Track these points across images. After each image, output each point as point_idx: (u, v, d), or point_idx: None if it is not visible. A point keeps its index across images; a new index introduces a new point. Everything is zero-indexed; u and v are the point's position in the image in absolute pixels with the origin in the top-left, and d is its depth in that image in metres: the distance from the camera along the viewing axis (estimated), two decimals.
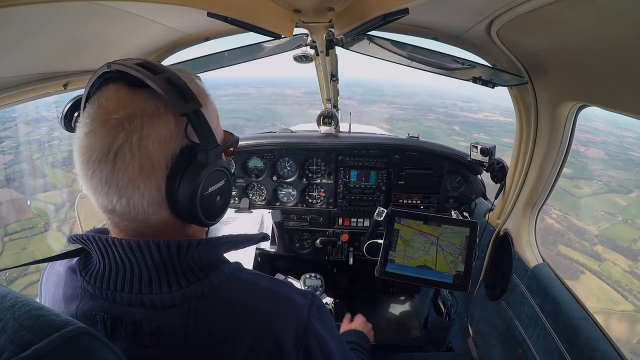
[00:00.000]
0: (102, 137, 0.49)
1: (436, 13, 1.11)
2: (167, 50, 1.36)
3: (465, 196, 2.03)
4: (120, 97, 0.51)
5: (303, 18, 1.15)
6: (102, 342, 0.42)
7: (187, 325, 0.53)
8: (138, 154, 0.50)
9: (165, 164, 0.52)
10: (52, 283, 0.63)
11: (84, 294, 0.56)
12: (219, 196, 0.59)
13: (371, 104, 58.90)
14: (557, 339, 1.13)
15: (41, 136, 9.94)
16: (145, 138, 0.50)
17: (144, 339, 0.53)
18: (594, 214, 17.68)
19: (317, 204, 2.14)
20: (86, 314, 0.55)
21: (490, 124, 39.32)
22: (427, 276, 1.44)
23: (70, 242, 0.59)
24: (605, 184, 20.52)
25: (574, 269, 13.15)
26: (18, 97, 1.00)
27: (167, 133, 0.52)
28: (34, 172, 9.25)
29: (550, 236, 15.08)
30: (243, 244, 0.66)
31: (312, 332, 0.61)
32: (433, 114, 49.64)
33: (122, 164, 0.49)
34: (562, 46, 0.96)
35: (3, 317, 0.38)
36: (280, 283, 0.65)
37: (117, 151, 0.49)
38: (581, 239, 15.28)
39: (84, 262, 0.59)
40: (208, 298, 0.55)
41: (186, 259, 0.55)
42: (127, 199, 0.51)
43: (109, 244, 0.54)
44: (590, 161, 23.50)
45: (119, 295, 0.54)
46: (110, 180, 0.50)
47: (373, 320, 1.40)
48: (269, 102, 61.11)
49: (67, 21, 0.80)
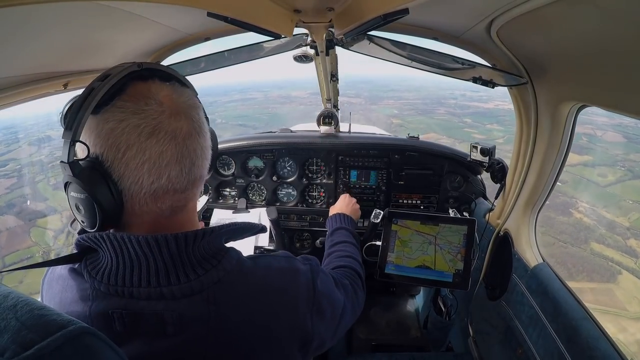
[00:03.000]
0: (183, 119, 0.59)
1: (436, 13, 1.11)
2: (167, 50, 1.36)
3: (465, 196, 2.03)
4: (174, 89, 0.60)
5: (303, 18, 1.15)
6: (104, 342, 0.42)
7: (208, 311, 0.56)
8: (204, 138, 0.64)
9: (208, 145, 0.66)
10: (56, 288, 0.63)
11: (95, 294, 0.56)
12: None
13: (379, 101, 58.50)
14: (557, 339, 1.13)
15: (45, 156, 9.85)
16: (204, 124, 0.65)
17: (166, 329, 0.55)
18: (622, 204, 16.48)
19: (317, 204, 2.14)
20: (101, 313, 0.55)
21: (502, 113, 37.88)
22: (426, 276, 1.44)
23: (80, 242, 0.59)
24: (629, 169, 19.00)
25: (610, 270, 11.99)
26: (18, 97, 1.00)
27: (202, 116, 0.65)
28: (35, 196, 9.10)
29: (580, 232, 14.10)
30: (242, 232, 0.69)
31: (318, 290, 0.70)
32: (443, 107, 48.84)
33: (201, 139, 0.62)
34: (562, 46, 0.96)
35: (5, 317, 0.38)
36: (280, 257, 0.70)
37: (199, 131, 0.62)
38: (613, 233, 14.23)
39: (91, 263, 0.59)
40: (224, 282, 0.58)
41: (199, 248, 0.58)
42: (167, 174, 0.57)
43: (123, 240, 0.55)
44: (609, 146, 22.07)
45: (136, 290, 0.55)
46: (157, 155, 0.55)
47: (373, 320, 1.40)
48: (275, 105, 61.03)
49: (68, 21, 0.79)
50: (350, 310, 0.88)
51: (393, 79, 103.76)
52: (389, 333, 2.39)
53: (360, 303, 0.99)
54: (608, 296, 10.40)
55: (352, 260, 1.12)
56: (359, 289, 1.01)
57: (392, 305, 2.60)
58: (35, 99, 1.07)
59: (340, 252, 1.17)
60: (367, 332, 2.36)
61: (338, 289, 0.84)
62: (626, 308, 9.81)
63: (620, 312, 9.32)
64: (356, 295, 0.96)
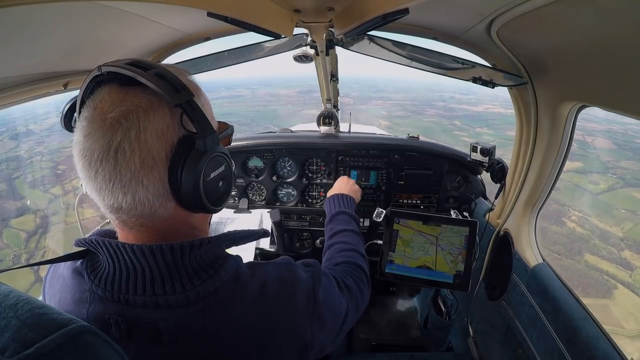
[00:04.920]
0: (101, 136, 0.50)
1: (436, 13, 1.11)
2: (167, 50, 1.36)
3: (465, 196, 2.03)
4: (113, 97, 0.52)
5: (303, 18, 1.15)
6: (104, 341, 0.42)
7: (203, 321, 0.55)
8: (138, 149, 0.50)
9: (166, 155, 0.53)
10: (57, 287, 0.63)
11: (93, 297, 0.56)
12: (222, 181, 0.60)
13: (368, 101, 58.32)
14: (557, 339, 1.13)
15: (24, 151, 9.52)
16: (143, 132, 0.51)
17: (161, 338, 0.54)
18: (615, 213, 16.13)
19: (317, 204, 2.14)
20: (98, 317, 0.55)
21: (492, 117, 37.89)
22: (427, 276, 1.44)
23: (78, 246, 0.59)
24: (620, 177, 18.75)
25: (607, 284, 11.46)
26: (18, 97, 1.00)
27: (163, 125, 0.53)
28: (12, 194, 8.69)
29: (575, 244, 13.65)
30: (244, 239, 0.67)
31: (320, 301, 0.67)
32: (432, 109, 48.64)
33: (123, 160, 0.50)
34: (562, 46, 0.96)
35: (6, 315, 0.38)
36: (281, 265, 0.67)
37: (117, 148, 0.50)
38: (607, 244, 13.85)
39: (91, 265, 0.59)
40: (221, 292, 0.57)
41: (195, 257, 0.57)
42: (132, 194, 0.52)
43: (119, 249, 0.54)
44: (599, 152, 21.80)
45: (132, 297, 0.54)
46: (113, 178, 0.51)
47: (373, 320, 1.40)
48: (262, 104, 60.49)
49: (67, 21, 0.79)
50: (354, 312, 0.85)
51: (382, 80, 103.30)
52: (389, 333, 2.39)
53: (365, 300, 0.93)
54: (604, 312, 10.01)
55: (355, 255, 1.04)
56: (364, 286, 0.95)
57: (392, 305, 2.60)
58: (35, 99, 1.07)
59: (342, 244, 1.10)
60: (367, 332, 2.37)
61: (342, 293, 0.81)
62: (623, 325, 9.53)
63: (616, 329, 8.99)
64: (361, 294, 0.91)
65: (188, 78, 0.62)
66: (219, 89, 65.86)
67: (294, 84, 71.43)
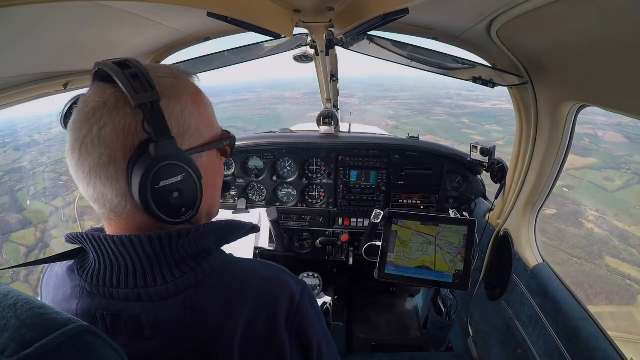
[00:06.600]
0: (76, 129, 0.53)
1: (436, 13, 1.11)
2: (167, 50, 1.36)
3: (465, 196, 2.03)
4: (94, 93, 0.55)
5: (303, 18, 1.15)
6: (103, 340, 0.42)
7: (184, 314, 0.54)
8: (98, 144, 0.52)
9: (124, 155, 0.52)
10: (52, 285, 0.63)
11: (82, 293, 0.57)
12: (177, 192, 0.56)
13: (374, 101, 57.82)
14: (557, 339, 1.13)
15: (28, 162, 9.42)
16: (104, 128, 0.52)
17: (144, 332, 0.54)
18: (633, 212, 15.25)
19: (317, 204, 2.14)
20: (86, 312, 0.55)
21: (500, 113, 36.55)
22: (426, 276, 1.44)
23: (68, 241, 0.59)
24: (635, 172, 17.86)
25: (629, 290, 10.60)
26: (18, 97, 1.00)
27: (124, 125, 0.52)
28: (14, 207, 8.56)
29: (594, 246, 12.91)
30: (233, 231, 0.65)
31: (304, 313, 0.62)
32: (439, 107, 47.82)
33: (85, 153, 0.52)
34: (562, 46, 0.96)
35: (5, 315, 0.38)
36: (273, 267, 0.66)
37: (82, 140, 0.52)
38: (627, 246, 12.99)
39: (82, 261, 0.60)
40: (202, 286, 0.56)
41: (177, 249, 0.56)
42: (93, 186, 0.54)
43: (102, 241, 0.55)
44: (612, 147, 20.92)
45: (116, 291, 0.54)
46: (78, 167, 0.53)
47: (373, 320, 1.40)
48: (267, 107, 59.93)
49: (67, 21, 0.79)
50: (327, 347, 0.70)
51: (387, 78, 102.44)
52: (389, 333, 2.39)
53: None
54: (629, 321, 9.64)
55: None
56: None
57: (392, 305, 2.60)
58: (35, 99, 1.07)
59: None
60: (367, 332, 2.36)
61: (325, 332, 0.70)
62: None
63: None
64: None
65: (173, 80, 0.59)
66: (224, 93, 65.22)
67: (299, 86, 70.95)
